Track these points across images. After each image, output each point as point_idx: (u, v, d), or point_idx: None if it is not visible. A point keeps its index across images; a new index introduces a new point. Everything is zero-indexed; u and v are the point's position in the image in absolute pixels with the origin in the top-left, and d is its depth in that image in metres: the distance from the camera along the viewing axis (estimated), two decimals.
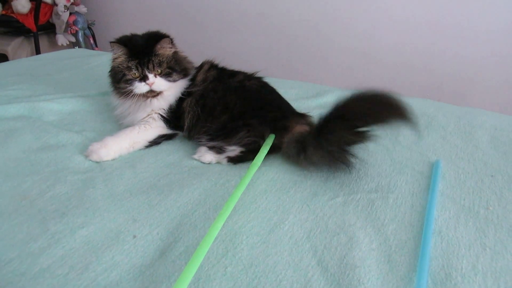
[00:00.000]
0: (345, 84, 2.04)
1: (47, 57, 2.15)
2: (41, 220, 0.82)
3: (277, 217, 0.85)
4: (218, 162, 1.09)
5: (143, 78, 1.16)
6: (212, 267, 0.71)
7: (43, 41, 3.42)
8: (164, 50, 1.18)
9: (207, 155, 1.09)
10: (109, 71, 1.24)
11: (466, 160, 1.10)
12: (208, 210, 0.88)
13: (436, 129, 1.29)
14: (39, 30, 3.27)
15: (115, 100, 1.25)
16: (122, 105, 1.23)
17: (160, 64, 1.17)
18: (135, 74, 1.16)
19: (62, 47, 3.35)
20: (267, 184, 0.98)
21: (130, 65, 1.15)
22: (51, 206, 0.87)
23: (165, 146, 1.18)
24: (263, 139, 1.10)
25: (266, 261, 0.73)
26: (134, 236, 0.79)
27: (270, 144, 1.08)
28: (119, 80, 1.18)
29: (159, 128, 1.19)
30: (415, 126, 0.93)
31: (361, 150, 1.08)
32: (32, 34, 3.25)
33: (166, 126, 1.21)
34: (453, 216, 0.87)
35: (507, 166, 1.07)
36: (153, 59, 1.15)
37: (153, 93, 1.19)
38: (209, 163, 1.08)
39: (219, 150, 1.10)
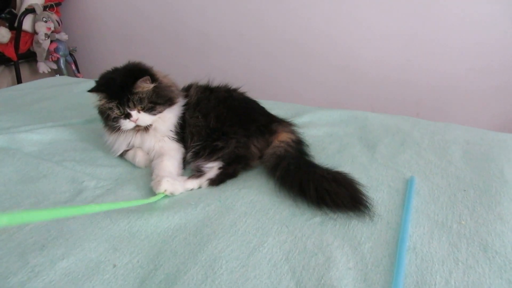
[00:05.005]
0: (325, 101, 2.09)
1: (28, 87, 2.15)
2: (21, 253, 0.82)
3: (256, 240, 0.87)
4: (199, 187, 1.11)
5: (127, 116, 1.16)
6: None
7: (24, 70, 3.41)
8: (143, 87, 1.16)
9: (188, 183, 1.10)
10: (97, 111, 1.23)
11: (439, 176, 1.13)
12: (189, 235, 0.88)
13: (411, 146, 1.33)
14: (20, 59, 3.27)
15: (108, 134, 1.25)
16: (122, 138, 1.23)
17: (141, 101, 1.16)
18: (118, 113, 1.16)
19: (44, 75, 3.34)
20: (247, 206, 0.99)
21: (111, 106, 1.15)
22: (30, 239, 0.86)
23: (145, 171, 1.19)
24: (246, 148, 1.18)
25: (245, 285, 0.74)
26: (114, 265, 0.79)
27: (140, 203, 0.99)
28: (106, 119, 1.19)
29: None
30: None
31: (339, 167, 1.11)
32: (12, 63, 3.25)
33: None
34: (427, 232, 0.89)
35: (478, 180, 1.10)
36: (132, 97, 1.14)
37: (141, 127, 1.20)
38: (191, 190, 1.10)
39: (199, 174, 1.12)
